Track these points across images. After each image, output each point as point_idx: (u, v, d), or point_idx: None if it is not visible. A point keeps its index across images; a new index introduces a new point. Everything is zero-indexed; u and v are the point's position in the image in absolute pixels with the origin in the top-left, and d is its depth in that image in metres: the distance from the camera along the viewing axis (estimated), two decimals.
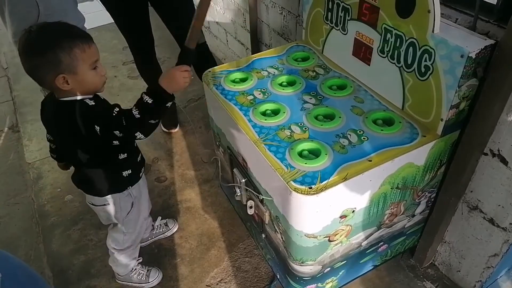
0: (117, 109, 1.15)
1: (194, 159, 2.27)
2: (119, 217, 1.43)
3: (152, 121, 1.15)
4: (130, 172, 1.35)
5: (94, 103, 1.16)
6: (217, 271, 1.70)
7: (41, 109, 1.28)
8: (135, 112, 1.12)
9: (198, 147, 2.35)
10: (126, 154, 1.31)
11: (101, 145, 1.22)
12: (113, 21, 2.07)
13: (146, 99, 1.12)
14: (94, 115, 1.15)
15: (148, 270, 1.66)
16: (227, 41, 2.90)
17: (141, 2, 2.00)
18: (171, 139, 2.44)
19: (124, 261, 1.59)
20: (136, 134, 1.14)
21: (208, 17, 3.06)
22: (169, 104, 1.16)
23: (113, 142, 1.20)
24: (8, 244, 1.88)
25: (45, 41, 1.05)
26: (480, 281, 1.45)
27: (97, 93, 1.23)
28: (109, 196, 1.36)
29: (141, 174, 1.44)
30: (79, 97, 1.15)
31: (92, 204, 1.41)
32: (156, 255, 1.79)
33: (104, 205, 1.38)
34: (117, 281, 1.67)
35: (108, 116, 1.13)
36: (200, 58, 2.16)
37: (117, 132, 1.13)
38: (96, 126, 1.12)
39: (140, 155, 1.42)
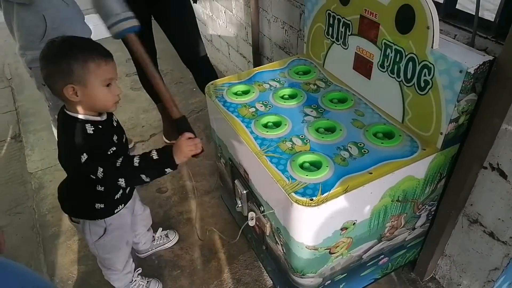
0: (114, 149, 1.15)
1: (195, 170, 2.28)
2: (88, 240, 1.38)
3: (144, 177, 1.14)
4: (103, 206, 1.30)
5: (92, 132, 1.13)
6: (217, 283, 1.70)
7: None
8: (136, 160, 1.13)
9: (199, 159, 2.36)
10: (103, 188, 1.25)
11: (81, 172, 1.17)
12: None
13: (152, 154, 1.14)
14: (88, 145, 1.12)
15: (148, 282, 1.65)
16: (229, 54, 2.94)
17: (144, 15, 2.04)
18: None
19: (117, 277, 1.55)
20: (120, 180, 1.13)
21: (211, 31, 3.10)
22: (168, 170, 1.16)
23: (91, 176, 1.13)
24: (9, 254, 1.88)
25: (62, 51, 1.07)
26: None
27: (110, 113, 1.23)
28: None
29: (116, 210, 1.34)
30: (81, 116, 1.13)
31: (69, 217, 1.38)
32: (156, 266, 1.78)
33: (77, 223, 1.35)
34: None
35: (102, 153, 1.13)
36: (202, 71, 2.21)
37: (100, 170, 1.10)
38: (84, 154, 1.09)
39: (120, 192, 1.33)
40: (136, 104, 2.85)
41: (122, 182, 1.14)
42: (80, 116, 1.13)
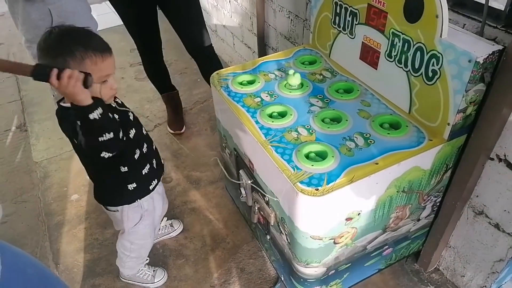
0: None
1: (199, 160, 2.28)
2: (125, 227, 1.43)
3: (102, 138, 1.05)
4: (136, 185, 1.32)
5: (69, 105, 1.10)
6: (221, 272, 1.71)
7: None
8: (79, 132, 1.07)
9: (204, 149, 2.36)
10: (126, 167, 1.27)
11: (96, 157, 1.13)
12: (121, 23, 2.09)
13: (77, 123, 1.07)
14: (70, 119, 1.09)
15: (154, 271, 1.67)
16: (233, 44, 2.92)
17: (150, 5, 2.03)
18: (177, 140, 2.45)
19: (131, 265, 1.60)
20: (102, 155, 1.09)
21: (216, 21, 3.08)
22: (92, 114, 1.02)
23: (101, 154, 1.11)
24: (15, 242, 1.90)
25: (59, 46, 1.05)
26: (485, 286, 1.44)
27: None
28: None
29: (151, 187, 1.38)
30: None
31: (105, 208, 1.42)
32: (161, 255, 1.80)
33: (114, 211, 1.39)
34: (121, 279, 1.68)
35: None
36: (207, 61, 2.20)
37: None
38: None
39: (147, 167, 1.34)
40: (140, 95, 2.85)
41: (106, 154, 1.09)
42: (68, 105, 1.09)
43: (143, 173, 1.33)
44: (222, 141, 1.71)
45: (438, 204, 1.44)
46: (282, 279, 1.59)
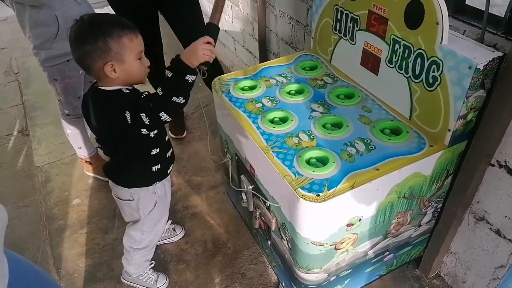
0: (146, 92, 1.17)
1: (200, 165, 2.28)
2: (141, 214, 1.45)
3: (175, 99, 1.11)
4: (159, 167, 1.36)
5: (128, 92, 1.18)
6: (222, 277, 1.71)
7: (82, 102, 1.30)
8: (159, 90, 1.13)
9: (205, 154, 2.37)
10: (158, 149, 1.32)
11: (133, 137, 1.22)
12: None
13: (167, 73, 1.13)
14: (126, 101, 1.16)
15: (157, 276, 1.67)
16: (235, 49, 2.94)
17: (151, 9, 2.04)
18: (178, 145, 2.46)
19: (138, 260, 1.60)
20: (160, 115, 1.12)
21: None
22: (189, 77, 1.13)
23: (142, 130, 1.18)
24: (16, 246, 1.90)
25: (96, 30, 1.09)
26: None
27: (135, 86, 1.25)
28: (134, 191, 1.38)
29: (169, 170, 1.44)
30: (119, 87, 1.17)
31: (118, 198, 1.43)
32: (162, 260, 1.79)
33: (129, 200, 1.40)
34: (123, 281, 1.68)
35: (137, 100, 1.14)
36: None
37: (143, 115, 1.12)
38: (126, 112, 1.12)
39: (171, 150, 1.41)
40: None
41: (164, 115, 1.13)
42: (115, 88, 1.17)
43: (167, 156, 1.39)
44: (223, 146, 1.71)
45: (439, 210, 1.44)
46: (283, 285, 1.59)
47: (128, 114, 1.13)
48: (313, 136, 1.26)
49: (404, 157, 1.17)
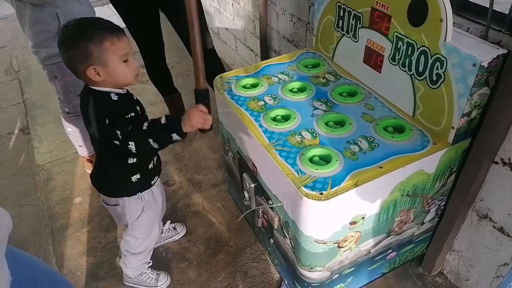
0: (132, 114, 1.17)
1: (202, 163, 2.28)
2: (128, 220, 1.44)
3: (152, 142, 1.12)
4: (139, 177, 1.34)
5: (117, 99, 1.18)
6: (224, 275, 1.70)
7: (80, 101, 1.30)
8: (145, 124, 1.13)
9: (206, 152, 2.36)
10: (135, 159, 1.30)
11: (108, 143, 1.21)
12: (124, 26, 2.10)
13: (162, 119, 1.14)
14: (110, 109, 1.16)
15: (157, 274, 1.67)
16: (236, 47, 2.93)
17: (152, 7, 2.03)
18: (180, 143, 2.45)
19: (135, 264, 1.60)
20: (130, 143, 1.13)
21: (218, 23, 3.09)
22: (176, 137, 1.14)
23: (114, 141, 1.17)
24: (18, 245, 1.87)
25: (77, 34, 1.10)
26: None
27: (129, 91, 1.27)
28: (120, 198, 1.37)
29: (153, 182, 1.42)
30: (107, 89, 1.18)
31: (105, 203, 1.43)
32: (164, 258, 1.79)
33: (115, 205, 1.40)
34: (125, 283, 1.68)
35: (119, 115, 1.14)
36: (209, 64, 2.19)
37: (118, 132, 1.13)
38: (106, 119, 1.14)
39: (153, 162, 1.39)
40: (143, 97, 2.83)
41: (132, 146, 1.13)
42: (105, 89, 1.18)
43: (149, 167, 1.37)
44: (225, 144, 1.71)
45: (442, 207, 1.44)
46: (286, 283, 1.59)
47: (106, 121, 1.14)
48: (316, 134, 1.26)
49: (408, 155, 1.16)
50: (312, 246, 1.21)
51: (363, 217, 1.22)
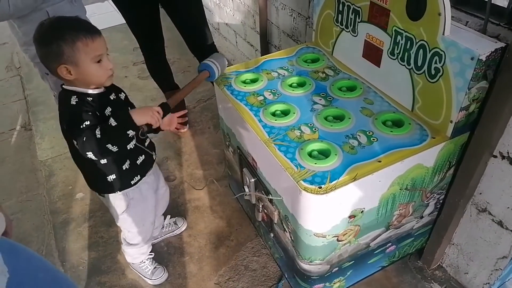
0: (87, 123, 1.12)
1: (203, 158, 2.29)
2: (113, 213, 1.46)
3: (110, 146, 1.12)
4: (115, 177, 1.32)
5: (75, 103, 1.15)
6: (225, 269, 1.72)
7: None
8: (97, 131, 1.10)
9: (207, 147, 2.37)
10: (106, 160, 1.27)
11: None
12: (124, 22, 2.10)
13: (111, 121, 1.13)
14: (67, 113, 1.17)
15: (155, 268, 1.69)
16: (236, 42, 2.92)
17: (152, 3, 2.03)
18: (180, 139, 2.46)
19: (133, 254, 1.63)
20: (88, 153, 1.11)
21: (218, 19, 3.09)
22: (131, 133, 1.15)
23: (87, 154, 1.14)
24: (21, 240, 1.92)
25: (52, 33, 1.10)
26: (488, 283, 1.45)
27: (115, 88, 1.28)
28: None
29: (133, 182, 1.37)
30: (77, 89, 1.17)
31: (98, 194, 1.45)
32: (165, 252, 1.81)
33: (102, 197, 1.42)
34: (129, 264, 1.72)
35: (76, 124, 1.12)
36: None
37: (75, 142, 1.12)
38: (65, 125, 1.16)
39: (127, 163, 1.33)
40: (144, 93, 2.86)
41: (91, 155, 1.12)
42: (70, 88, 1.18)
43: (124, 168, 1.32)
44: (226, 139, 1.72)
45: (441, 201, 1.45)
46: (286, 276, 1.60)
47: (64, 127, 1.17)
48: (315, 129, 1.26)
49: (406, 149, 1.17)
50: (312, 240, 1.22)
51: (362, 211, 1.22)
